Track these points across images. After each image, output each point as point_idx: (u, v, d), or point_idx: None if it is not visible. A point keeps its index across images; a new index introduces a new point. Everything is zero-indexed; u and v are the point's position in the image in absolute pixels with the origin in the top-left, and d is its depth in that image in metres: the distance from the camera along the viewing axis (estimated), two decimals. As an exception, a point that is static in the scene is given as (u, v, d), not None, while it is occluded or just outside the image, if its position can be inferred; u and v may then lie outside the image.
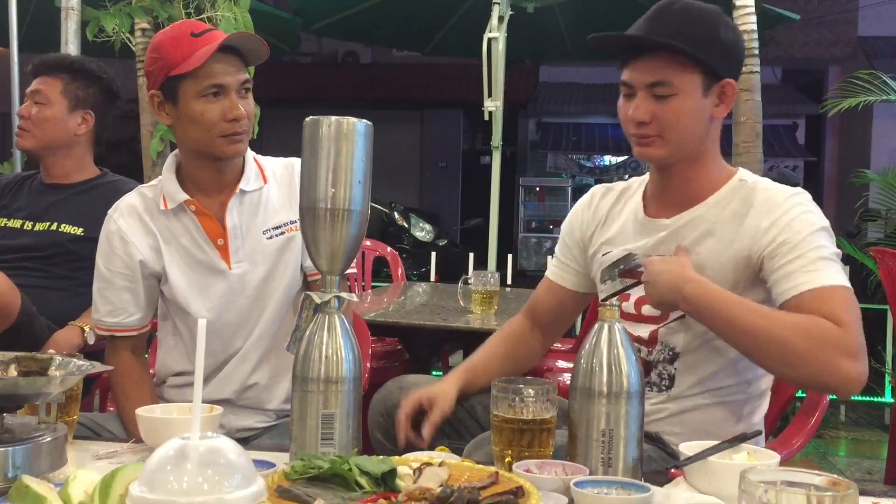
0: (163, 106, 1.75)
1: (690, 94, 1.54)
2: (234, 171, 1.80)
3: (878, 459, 4.53)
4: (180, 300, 1.79)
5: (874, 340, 5.57)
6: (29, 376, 1.29)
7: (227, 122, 1.71)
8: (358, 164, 1.29)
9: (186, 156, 1.80)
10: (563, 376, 3.23)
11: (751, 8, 4.42)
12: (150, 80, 1.76)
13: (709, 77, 1.56)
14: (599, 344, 1.27)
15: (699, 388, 1.60)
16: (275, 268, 1.80)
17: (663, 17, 1.56)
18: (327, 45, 13.21)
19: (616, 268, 1.68)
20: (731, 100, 1.59)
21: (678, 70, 1.53)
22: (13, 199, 2.37)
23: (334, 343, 1.27)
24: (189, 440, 0.87)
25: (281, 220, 1.81)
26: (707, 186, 1.61)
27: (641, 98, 1.56)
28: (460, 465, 1.19)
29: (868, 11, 11.60)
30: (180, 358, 1.84)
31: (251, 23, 3.80)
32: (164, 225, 1.79)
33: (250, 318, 1.80)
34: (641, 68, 1.55)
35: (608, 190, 1.78)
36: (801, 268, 1.45)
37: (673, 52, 1.53)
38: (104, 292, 1.79)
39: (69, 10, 3.72)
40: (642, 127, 1.56)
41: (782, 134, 11.83)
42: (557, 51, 7.37)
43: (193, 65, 1.66)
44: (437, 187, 13.10)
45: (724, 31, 1.57)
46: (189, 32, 1.71)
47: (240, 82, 1.72)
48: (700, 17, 1.56)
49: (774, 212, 1.52)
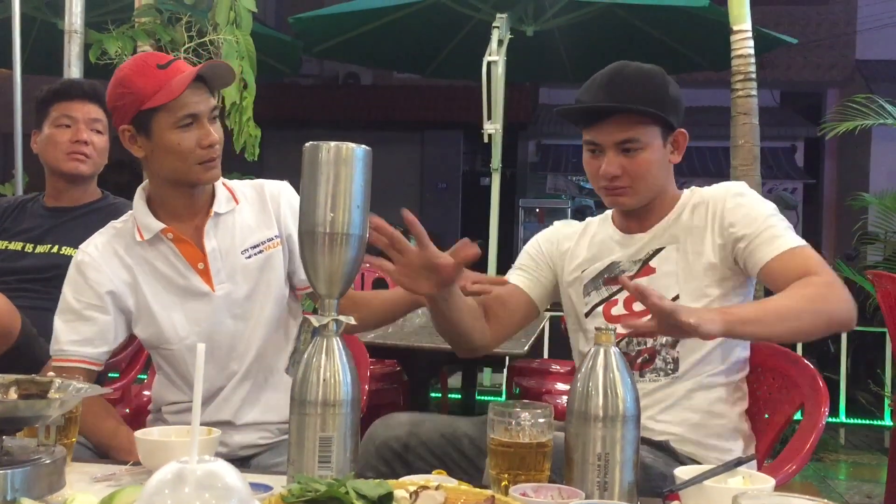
0: (134, 139, 1.76)
1: (654, 146, 1.75)
2: (206, 195, 1.82)
3: (877, 483, 4.51)
4: (166, 330, 1.79)
5: (873, 364, 5.57)
6: (28, 399, 1.29)
7: (203, 149, 1.73)
8: (357, 189, 1.30)
9: (160, 185, 1.80)
10: (562, 399, 3.23)
11: (748, 32, 4.46)
12: (117, 115, 1.76)
13: (665, 130, 1.77)
14: (595, 368, 1.28)
15: (702, 366, 1.73)
16: (257, 286, 1.82)
17: (619, 82, 1.74)
18: (328, 66, 13.28)
19: (601, 278, 1.83)
20: (683, 147, 1.81)
21: (643, 127, 1.73)
22: (14, 222, 2.38)
23: (332, 366, 1.28)
24: (187, 464, 0.87)
25: (257, 239, 1.83)
26: (669, 204, 1.82)
27: (611, 155, 1.74)
28: (457, 488, 1.19)
29: (866, 35, 11.67)
30: (169, 391, 1.86)
31: (253, 46, 3.83)
32: (141, 257, 1.79)
33: (240, 338, 1.81)
34: (609, 129, 1.73)
35: (568, 224, 2.00)
36: (769, 238, 1.68)
37: (636, 112, 1.72)
38: (71, 323, 1.76)
39: (72, 33, 3.74)
40: (615, 181, 1.75)
41: (781, 156, 11.86)
42: (557, 73, 7.41)
43: (169, 97, 1.68)
44: (437, 208, 13.11)
45: (671, 88, 1.77)
46: (154, 65, 1.72)
47: (210, 109, 1.75)
48: (651, 79, 1.76)
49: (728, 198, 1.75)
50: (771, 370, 1.87)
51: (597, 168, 1.76)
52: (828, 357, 5.54)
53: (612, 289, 1.81)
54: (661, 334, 1.63)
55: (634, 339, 1.76)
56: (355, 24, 6.53)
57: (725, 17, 4.61)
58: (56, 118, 2.35)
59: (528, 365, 4.23)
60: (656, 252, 1.79)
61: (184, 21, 3.79)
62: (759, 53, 4.91)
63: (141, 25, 3.73)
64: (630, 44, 6.32)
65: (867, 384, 5.48)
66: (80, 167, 2.35)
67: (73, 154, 2.33)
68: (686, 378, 1.73)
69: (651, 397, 1.72)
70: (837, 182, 12.32)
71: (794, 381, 1.86)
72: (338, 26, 6.60)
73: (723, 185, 1.81)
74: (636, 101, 1.72)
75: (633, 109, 1.72)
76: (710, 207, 1.77)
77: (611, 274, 1.82)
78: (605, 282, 1.82)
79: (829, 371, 5.35)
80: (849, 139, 7.32)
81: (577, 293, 1.86)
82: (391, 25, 6.47)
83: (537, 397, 3.74)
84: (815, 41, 11.72)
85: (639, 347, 1.76)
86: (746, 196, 1.76)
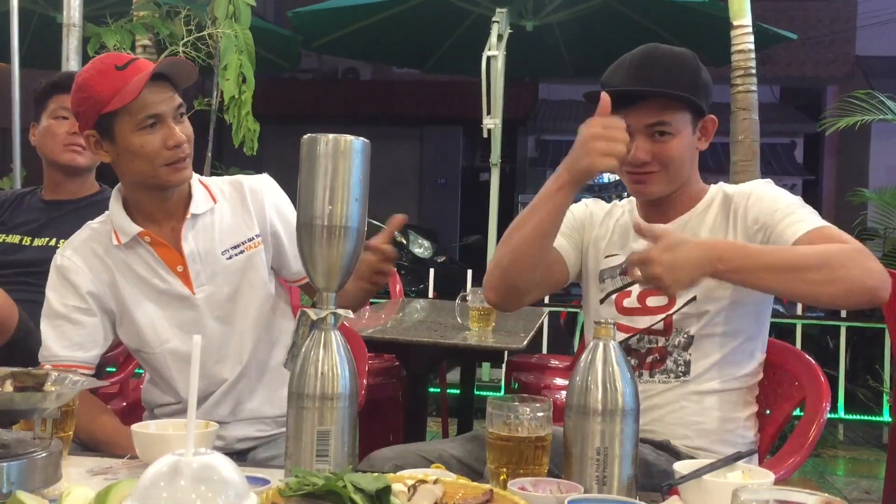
0: (100, 144, 1.71)
1: (685, 132, 1.70)
2: (182, 196, 1.77)
3: (876, 479, 4.52)
4: (146, 333, 1.77)
5: (872, 360, 5.57)
6: (25, 392, 1.29)
7: (169, 150, 1.68)
8: (355, 182, 1.29)
9: (131, 189, 1.76)
10: (561, 394, 3.23)
11: (748, 27, 4.45)
12: (80, 121, 1.72)
13: (696, 115, 1.72)
14: (594, 362, 1.28)
15: (715, 370, 1.70)
16: (240, 287, 1.79)
17: (651, 65, 1.68)
18: (328, 61, 13.27)
19: (619, 267, 1.78)
20: (712, 133, 1.76)
21: (674, 112, 1.68)
22: (12, 215, 2.38)
23: (330, 360, 1.27)
24: (183, 456, 0.87)
25: (238, 239, 1.79)
26: (693, 198, 1.77)
27: (641, 139, 1.68)
28: (455, 482, 1.19)
29: (866, 31, 11.67)
30: (156, 393, 1.85)
31: (252, 40, 3.83)
32: (120, 259, 1.76)
33: (224, 340, 1.79)
34: (639, 113, 1.67)
35: (596, 202, 1.92)
36: (793, 221, 1.60)
37: (669, 97, 1.67)
38: (60, 328, 1.73)
39: (71, 27, 3.74)
40: (644, 166, 1.70)
41: (780, 152, 11.86)
42: (556, 68, 7.42)
43: (126, 99, 1.63)
44: (436, 204, 13.11)
45: (703, 73, 1.72)
46: (113, 66, 1.66)
47: (174, 108, 1.69)
48: (684, 62, 1.70)
49: (753, 193, 1.69)
50: (772, 365, 1.86)
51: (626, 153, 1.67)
52: (827, 353, 5.54)
53: (627, 279, 1.75)
54: None
55: (646, 336, 1.73)
56: (355, 18, 6.52)
57: (725, 12, 4.61)
58: (54, 110, 2.36)
59: (526, 360, 4.23)
60: None
61: (182, 15, 3.79)
62: (759, 49, 4.91)
63: (139, 19, 3.73)
64: (630, 39, 6.30)
65: (866, 380, 5.48)
66: (77, 158, 2.35)
67: (70, 146, 2.33)
68: (697, 382, 1.70)
69: (660, 397, 1.70)
70: (837, 178, 12.31)
71: (796, 376, 1.85)
72: (337, 21, 6.59)
73: (749, 184, 1.75)
74: (668, 84, 1.66)
75: (666, 94, 1.66)
76: (732, 206, 1.71)
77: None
78: (621, 271, 1.77)
79: (828, 367, 5.33)
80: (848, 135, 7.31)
81: (595, 277, 1.82)
82: (390, 20, 6.46)
83: (536, 392, 3.74)
84: (816, 37, 11.71)
85: (650, 346, 1.73)
86: (768, 191, 1.69)
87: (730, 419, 1.71)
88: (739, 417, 1.73)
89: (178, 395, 1.80)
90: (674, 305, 1.70)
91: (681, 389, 1.70)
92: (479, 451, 1.61)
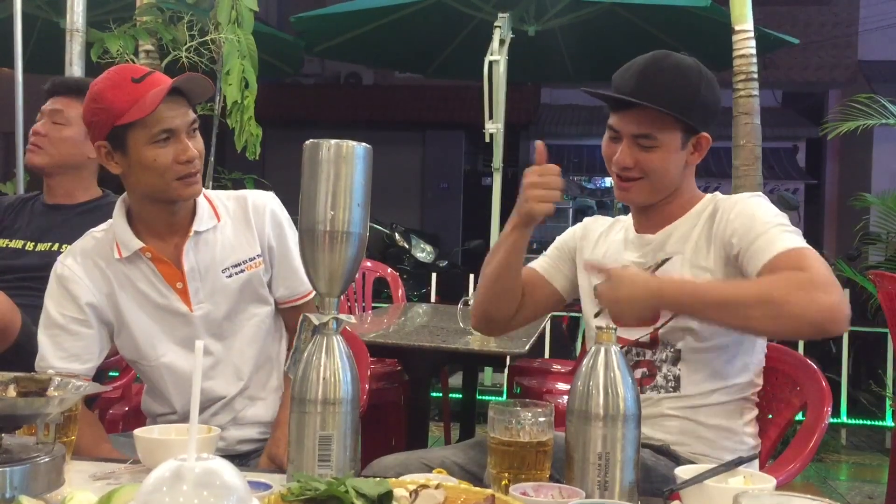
0: (111, 155, 1.71)
1: (670, 147, 1.71)
2: (187, 211, 1.77)
3: (878, 484, 4.50)
4: (143, 346, 1.77)
5: (874, 364, 5.56)
6: (27, 397, 1.29)
7: (181, 165, 1.68)
8: (357, 187, 1.30)
9: (139, 201, 1.76)
10: (563, 398, 3.23)
11: (750, 32, 4.45)
12: (93, 132, 1.72)
13: (687, 132, 1.72)
14: (596, 367, 1.28)
15: (706, 383, 1.69)
16: (238, 305, 1.79)
17: (653, 74, 1.69)
18: (330, 66, 13.28)
19: None
20: (705, 149, 1.77)
21: (662, 127, 1.70)
22: (14, 220, 2.38)
23: (332, 365, 1.27)
24: (185, 461, 0.87)
25: (240, 258, 1.79)
26: (685, 206, 1.78)
27: (626, 145, 1.72)
28: (457, 487, 1.19)
29: (868, 35, 11.67)
30: (154, 404, 1.86)
31: (254, 45, 3.83)
32: (120, 272, 1.75)
33: (219, 358, 1.80)
34: (629, 119, 1.71)
35: (596, 219, 1.96)
36: (764, 244, 1.58)
37: (657, 110, 1.67)
38: (57, 338, 1.73)
39: (74, 32, 3.74)
40: (626, 171, 1.73)
41: (783, 157, 11.86)
42: (558, 73, 7.41)
43: (143, 112, 1.62)
44: (438, 208, 13.12)
45: (704, 90, 1.71)
46: (129, 78, 1.66)
47: (188, 123, 1.69)
48: (685, 77, 1.70)
49: (736, 207, 1.68)
50: (774, 370, 1.86)
51: (612, 154, 1.74)
52: (829, 357, 5.53)
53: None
54: None
55: (633, 349, 1.73)
56: (357, 23, 6.53)
57: (727, 16, 4.61)
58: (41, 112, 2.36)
59: (528, 364, 4.23)
60: (663, 262, 1.74)
61: (185, 20, 3.79)
62: (761, 53, 4.91)
63: (142, 24, 3.74)
64: (632, 43, 6.31)
65: (868, 385, 5.47)
66: (33, 158, 2.33)
67: (31, 146, 2.33)
68: (690, 398, 1.70)
69: (655, 408, 1.70)
70: (839, 182, 12.30)
71: (797, 380, 1.85)
72: (339, 26, 6.59)
73: (737, 197, 1.73)
74: (662, 98, 1.66)
75: (652, 108, 1.67)
76: (717, 218, 1.70)
77: None
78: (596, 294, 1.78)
79: (830, 371, 5.34)
80: (850, 139, 7.31)
81: (588, 295, 1.81)
82: (393, 25, 6.46)
83: (538, 397, 3.74)
84: (817, 41, 11.71)
85: (637, 359, 1.73)
86: (751, 207, 1.66)
87: (728, 428, 1.71)
88: (738, 425, 1.72)
89: (174, 406, 1.82)
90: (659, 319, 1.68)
91: (674, 403, 1.70)
92: (482, 457, 1.61)
